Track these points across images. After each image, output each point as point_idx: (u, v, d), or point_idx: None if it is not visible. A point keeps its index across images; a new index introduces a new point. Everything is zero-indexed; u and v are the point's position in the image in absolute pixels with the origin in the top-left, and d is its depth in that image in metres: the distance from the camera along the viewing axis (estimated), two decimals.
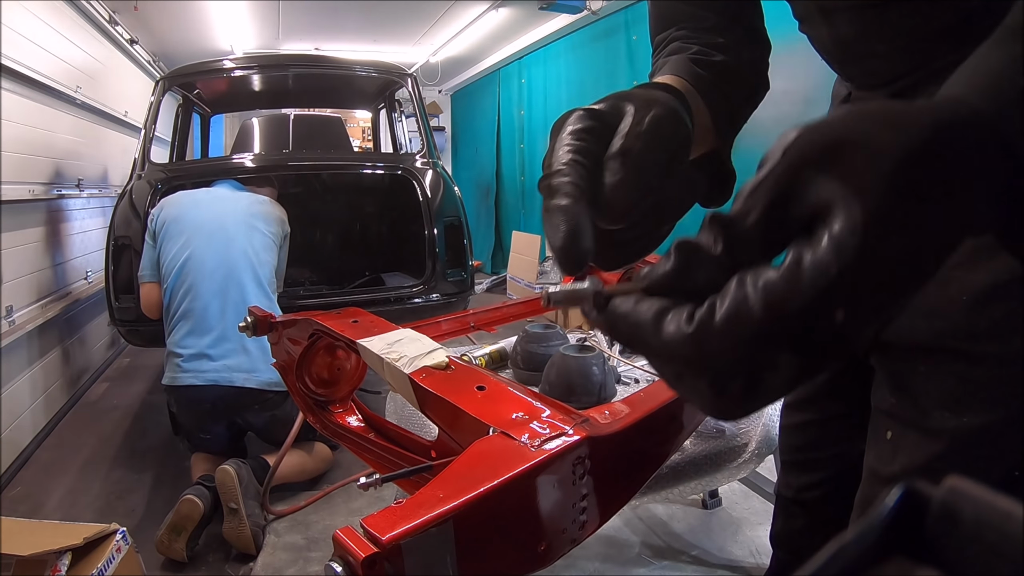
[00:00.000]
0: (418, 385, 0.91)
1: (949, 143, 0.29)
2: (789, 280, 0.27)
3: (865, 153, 0.28)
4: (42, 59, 2.88)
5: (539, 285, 4.80)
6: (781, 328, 0.27)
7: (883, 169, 0.27)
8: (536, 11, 4.44)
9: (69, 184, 3.24)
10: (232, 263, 2.10)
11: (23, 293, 2.63)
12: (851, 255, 0.26)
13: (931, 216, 0.28)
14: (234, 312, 2.03)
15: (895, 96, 0.59)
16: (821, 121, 0.30)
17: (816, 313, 0.27)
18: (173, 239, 2.13)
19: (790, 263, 0.27)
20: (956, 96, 0.33)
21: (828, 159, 0.28)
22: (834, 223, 0.27)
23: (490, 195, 6.98)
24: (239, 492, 1.82)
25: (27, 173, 2.70)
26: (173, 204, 2.23)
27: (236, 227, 2.17)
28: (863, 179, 0.27)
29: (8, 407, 2.38)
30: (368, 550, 0.53)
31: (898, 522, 0.21)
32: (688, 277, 0.30)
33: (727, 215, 0.30)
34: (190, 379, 2.00)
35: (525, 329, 1.57)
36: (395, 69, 3.41)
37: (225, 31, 5.50)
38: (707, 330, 0.28)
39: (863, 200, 0.27)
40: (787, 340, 0.27)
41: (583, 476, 0.75)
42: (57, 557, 1.41)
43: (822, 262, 0.27)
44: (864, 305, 0.27)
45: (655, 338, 0.29)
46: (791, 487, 0.88)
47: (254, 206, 2.28)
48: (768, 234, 0.29)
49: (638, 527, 1.95)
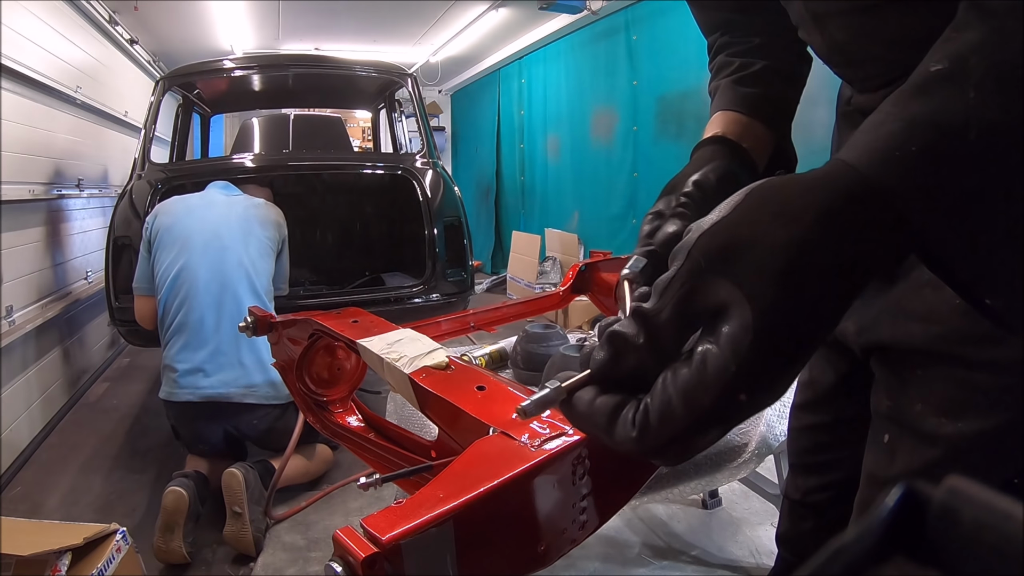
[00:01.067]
0: (418, 385, 0.91)
1: (835, 230, 0.33)
2: (699, 381, 0.33)
3: (754, 254, 0.33)
4: (42, 59, 2.88)
5: (539, 285, 4.80)
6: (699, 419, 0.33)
7: (771, 269, 0.32)
8: (536, 11, 4.44)
9: (69, 184, 3.24)
10: (227, 274, 2.05)
11: (23, 293, 2.63)
12: (745, 352, 0.32)
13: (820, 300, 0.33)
14: (230, 325, 1.98)
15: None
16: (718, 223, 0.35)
17: (725, 400, 0.32)
18: (166, 249, 2.08)
19: (698, 363, 0.33)
20: (843, 164, 0.35)
21: (723, 261, 0.33)
22: (729, 322, 0.32)
23: (490, 195, 6.99)
24: (245, 497, 1.81)
25: (27, 173, 2.70)
26: (166, 212, 2.16)
27: (231, 235, 2.11)
28: (753, 281, 0.32)
29: (8, 407, 2.38)
30: (368, 550, 0.53)
31: (898, 522, 0.21)
32: (620, 363, 0.36)
33: (646, 310, 0.35)
34: (187, 395, 1.98)
35: (525, 329, 1.57)
36: (395, 69, 3.41)
37: (225, 31, 5.50)
38: (646, 433, 0.34)
39: (753, 302, 0.32)
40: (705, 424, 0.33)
41: (583, 476, 0.75)
42: (57, 557, 1.41)
43: (721, 362, 0.32)
44: (762, 385, 0.33)
45: (610, 438, 0.36)
46: (799, 489, 0.88)
47: (249, 210, 2.21)
48: (679, 326, 0.35)
49: (638, 527, 1.95)
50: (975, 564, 0.20)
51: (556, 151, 5.44)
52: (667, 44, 3.75)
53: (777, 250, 0.32)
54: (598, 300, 2.03)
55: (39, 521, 1.66)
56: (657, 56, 3.87)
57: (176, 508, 1.77)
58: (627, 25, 4.14)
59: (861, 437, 0.67)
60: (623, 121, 4.29)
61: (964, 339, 0.54)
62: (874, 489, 0.64)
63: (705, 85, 0.85)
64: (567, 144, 5.23)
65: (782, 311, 0.32)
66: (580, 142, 4.98)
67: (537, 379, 1.39)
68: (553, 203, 5.56)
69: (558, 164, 5.41)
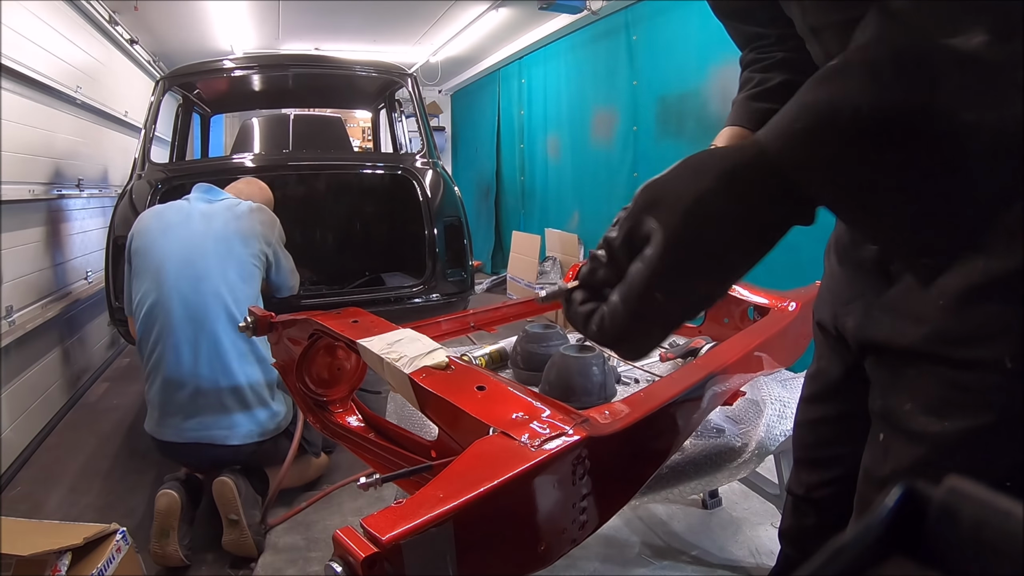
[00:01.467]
0: (418, 385, 0.91)
1: (730, 187, 0.46)
2: (629, 287, 0.48)
3: (670, 198, 0.47)
4: (42, 59, 2.88)
5: (539, 285, 4.81)
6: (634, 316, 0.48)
7: (679, 208, 0.46)
8: (536, 11, 4.44)
9: (69, 184, 3.24)
10: (202, 311, 1.89)
11: (23, 293, 2.63)
12: (656, 264, 0.46)
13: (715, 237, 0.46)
14: (208, 366, 1.87)
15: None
16: (656, 178, 0.48)
17: (648, 300, 0.47)
18: (140, 277, 1.96)
19: (630, 275, 0.48)
20: (755, 139, 0.47)
21: (652, 204, 0.48)
22: (651, 246, 0.47)
23: (490, 195, 6.98)
24: (239, 504, 1.80)
25: (27, 173, 2.70)
26: (142, 232, 2.00)
27: (207, 260, 1.93)
28: (667, 216, 0.46)
29: (8, 407, 2.39)
30: (368, 550, 0.53)
31: (898, 522, 0.21)
32: (594, 274, 0.53)
33: (610, 238, 0.51)
34: (170, 436, 1.91)
35: (525, 329, 1.57)
36: (395, 69, 3.41)
37: (225, 31, 5.50)
38: (603, 330, 0.50)
39: (665, 231, 0.46)
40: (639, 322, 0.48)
41: (583, 476, 0.75)
42: (57, 557, 1.41)
43: (643, 272, 0.47)
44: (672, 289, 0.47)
45: (586, 331, 0.52)
46: (802, 484, 0.88)
47: (230, 225, 2.01)
48: (628, 251, 0.49)
49: (638, 527, 1.95)
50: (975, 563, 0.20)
51: (556, 151, 5.44)
52: (667, 44, 3.75)
53: (685, 195, 0.46)
54: None
55: (39, 521, 1.66)
56: (657, 56, 3.86)
57: (169, 511, 1.76)
58: (627, 25, 4.14)
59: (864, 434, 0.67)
60: (623, 121, 4.29)
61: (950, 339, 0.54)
62: (870, 487, 0.65)
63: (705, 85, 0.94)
64: (567, 144, 5.23)
65: (683, 238, 0.46)
66: (580, 142, 4.98)
67: (537, 379, 1.39)
68: (553, 203, 5.56)
69: (558, 164, 5.41)
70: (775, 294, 1.57)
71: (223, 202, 2.10)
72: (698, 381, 1.00)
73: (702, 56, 3.36)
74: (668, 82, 3.76)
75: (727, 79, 3.21)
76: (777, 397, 1.38)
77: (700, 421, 1.12)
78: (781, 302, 1.52)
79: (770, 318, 1.44)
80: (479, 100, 7.40)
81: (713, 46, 3.23)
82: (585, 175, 4.92)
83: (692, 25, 3.42)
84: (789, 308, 1.48)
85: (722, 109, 3.29)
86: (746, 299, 1.61)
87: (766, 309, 1.52)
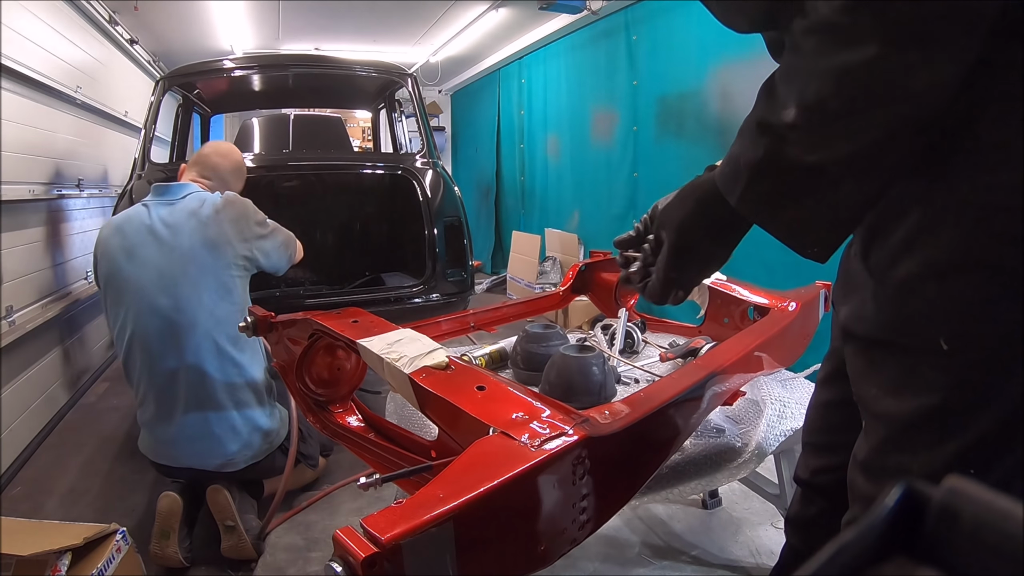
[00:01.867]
0: (418, 385, 0.91)
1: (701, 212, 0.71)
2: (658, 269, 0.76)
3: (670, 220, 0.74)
4: (42, 59, 2.88)
5: (539, 285, 4.80)
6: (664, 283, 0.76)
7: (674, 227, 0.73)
8: (536, 11, 4.44)
9: (69, 184, 3.24)
10: (181, 345, 1.77)
11: (23, 293, 2.63)
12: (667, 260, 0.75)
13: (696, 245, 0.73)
14: (193, 399, 1.79)
15: None
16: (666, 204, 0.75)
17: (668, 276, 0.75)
18: (113, 306, 1.83)
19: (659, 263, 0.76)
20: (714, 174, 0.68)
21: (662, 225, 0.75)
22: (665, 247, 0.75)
23: (490, 195, 6.98)
24: (235, 509, 1.79)
25: (27, 173, 2.70)
26: (107, 256, 1.83)
27: (179, 288, 1.77)
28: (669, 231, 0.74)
29: (8, 407, 2.38)
30: (368, 550, 0.54)
31: (898, 522, 0.21)
32: (636, 241, 0.82)
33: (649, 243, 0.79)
34: (163, 460, 1.87)
35: (525, 329, 1.57)
36: (395, 69, 3.41)
37: (225, 31, 5.50)
38: (649, 289, 0.79)
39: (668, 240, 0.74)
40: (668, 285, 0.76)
41: (583, 476, 0.75)
42: (57, 557, 1.41)
43: (663, 262, 0.75)
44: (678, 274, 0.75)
45: (639, 289, 0.81)
46: (808, 469, 0.95)
47: (196, 235, 1.80)
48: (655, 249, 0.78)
49: (638, 527, 1.95)
50: (975, 563, 0.20)
51: (556, 151, 5.44)
52: (667, 44, 3.74)
53: (676, 217, 0.73)
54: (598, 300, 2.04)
55: (39, 521, 1.66)
56: (657, 56, 3.86)
57: (171, 512, 1.76)
58: (627, 25, 4.14)
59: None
60: (623, 121, 4.29)
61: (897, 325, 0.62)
62: (854, 470, 0.71)
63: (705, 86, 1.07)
64: (567, 144, 5.22)
65: (678, 245, 0.73)
66: (580, 142, 4.98)
67: (537, 379, 1.39)
68: (553, 203, 5.56)
69: (558, 164, 5.41)
70: (775, 294, 1.58)
71: (184, 204, 1.86)
72: (698, 381, 1.00)
73: (702, 56, 3.36)
74: (668, 82, 3.76)
75: (727, 79, 3.21)
76: (777, 397, 1.38)
77: (700, 421, 1.12)
78: (781, 302, 1.52)
79: (770, 318, 1.44)
80: (479, 100, 7.40)
81: (713, 46, 3.23)
82: (585, 175, 4.92)
83: (692, 25, 3.41)
84: (789, 308, 1.48)
85: (722, 109, 3.29)
86: (746, 299, 1.61)
87: (766, 309, 1.52)
